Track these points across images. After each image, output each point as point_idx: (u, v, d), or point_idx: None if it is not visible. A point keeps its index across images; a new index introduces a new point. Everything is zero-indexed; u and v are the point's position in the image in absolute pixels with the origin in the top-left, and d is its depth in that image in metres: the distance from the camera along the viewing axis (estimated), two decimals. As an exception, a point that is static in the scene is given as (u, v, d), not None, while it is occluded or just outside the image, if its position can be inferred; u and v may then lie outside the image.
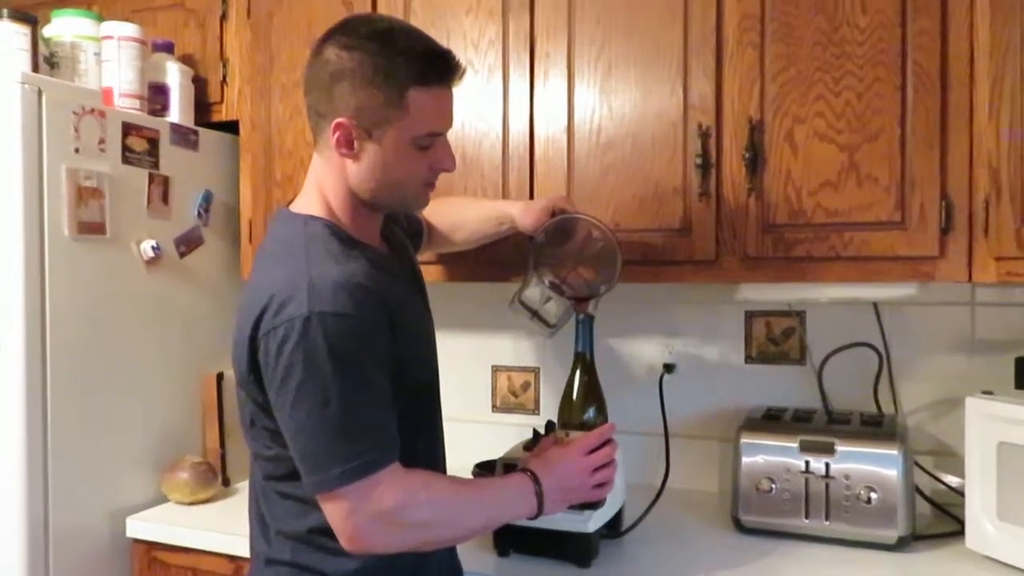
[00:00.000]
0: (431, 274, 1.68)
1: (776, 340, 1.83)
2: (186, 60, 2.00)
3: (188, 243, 1.89)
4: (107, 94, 1.78)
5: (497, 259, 1.65)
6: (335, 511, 1.06)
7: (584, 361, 1.35)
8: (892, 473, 1.44)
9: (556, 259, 1.44)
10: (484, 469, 1.61)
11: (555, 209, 1.43)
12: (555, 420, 1.39)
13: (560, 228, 1.43)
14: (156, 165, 1.81)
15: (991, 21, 1.33)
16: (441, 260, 1.72)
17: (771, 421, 1.63)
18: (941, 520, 1.58)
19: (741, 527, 1.56)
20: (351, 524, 1.06)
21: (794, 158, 1.46)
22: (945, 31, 1.37)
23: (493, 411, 2.08)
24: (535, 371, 2.04)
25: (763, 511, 1.53)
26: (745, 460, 1.55)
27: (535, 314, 1.46)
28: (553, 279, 1.43)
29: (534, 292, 1.45)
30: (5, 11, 1.67)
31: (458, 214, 1.56)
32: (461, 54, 1.58)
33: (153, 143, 1.80)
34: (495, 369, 2.08)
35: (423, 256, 1.58)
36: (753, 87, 1.48)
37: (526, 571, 1.42)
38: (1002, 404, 1.36)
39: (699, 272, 1.54)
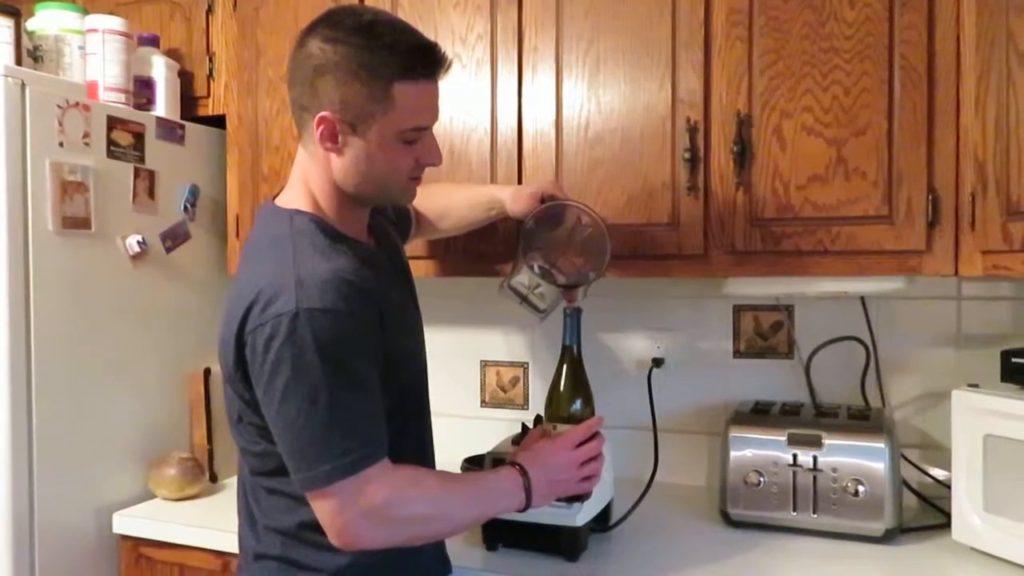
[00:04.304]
0: (420, 269, 1.68)
1: (764, 334, 1.84)
2: (172, 54, 1.98)
3: (174, 238, 1.88)
4: (92, 88, 1.76)
5: (486, 253, 1.65)
6: (324, 508, 1.06)
7: (571, 354, 1.35)
8: (879, 466, 1.45)
9: (545, 245, 1.44)
10: (473, 464, 1.61)
11: (545, 195, 1.43)
12: (543, 414, 1.39)
13: (550, 214, 1.42)
14: (142, 159, 1.79)
15: (977, 15, 1.33)
16: (430, 255, 1.71)
17: (759, 415, 1.64)
18: (928, 512, 1.59)
19: (729, 520, 1.56)
20: (340, 521, 1.06)
21: (782, 152, 1.46)
22: (932, 26, 1.38)
23: (482, 406, 2.08)
24: (524, 366, 2.04)
25: (751, 504, 1.53)
26: (733, 454, 1.55)
27: (524, 299, 1.45)
28: (542, 265, 1.42)
29: (523, 278, 1.44)
30: (-12, 4, 1.66)
31: (447, 199, 1.55)
32: (449, 48, 1.57)
33: (139, 137, 1.78)
34: (484, 364, 2.08)
35: (412, 248, 1.58)
36: (741, 81, 1.48)
37: (515, 565, 1.42)
38: (988, 397, 1.37)
39: (687, 266, 1.54)
